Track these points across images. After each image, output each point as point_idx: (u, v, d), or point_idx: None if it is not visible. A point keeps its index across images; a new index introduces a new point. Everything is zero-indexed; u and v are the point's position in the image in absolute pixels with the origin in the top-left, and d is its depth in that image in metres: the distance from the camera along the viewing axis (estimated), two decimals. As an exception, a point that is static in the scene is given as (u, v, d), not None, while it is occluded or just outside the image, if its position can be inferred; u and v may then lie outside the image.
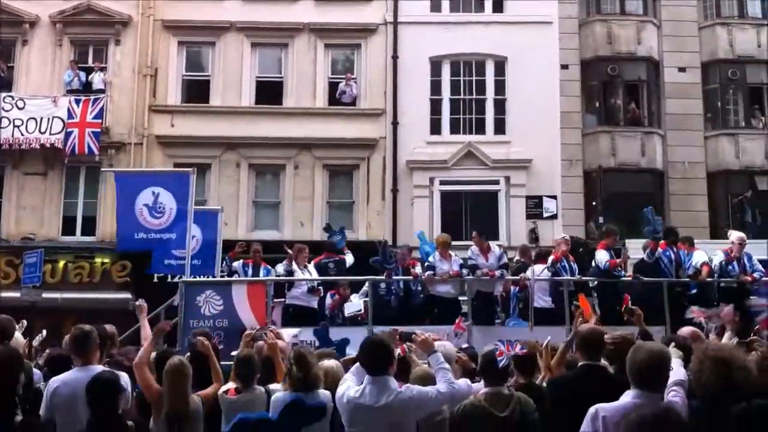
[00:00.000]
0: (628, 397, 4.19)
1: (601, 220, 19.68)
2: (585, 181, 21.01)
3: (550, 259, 11.61)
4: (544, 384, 5.71)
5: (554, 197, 20.47)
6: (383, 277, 11.80)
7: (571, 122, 21.19)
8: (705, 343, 5.63)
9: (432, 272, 11.55)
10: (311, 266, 12.31)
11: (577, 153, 21.13)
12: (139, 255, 19.02)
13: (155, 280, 18.70)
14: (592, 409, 4.17)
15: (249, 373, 5.97)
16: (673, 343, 5.13)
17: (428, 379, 5.32)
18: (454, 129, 20.75)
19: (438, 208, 19.97)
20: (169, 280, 18.67)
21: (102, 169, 18.45)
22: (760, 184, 21.55)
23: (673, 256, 11.48)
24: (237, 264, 12.57)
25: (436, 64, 20.99)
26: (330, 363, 6.00)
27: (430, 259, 11.90)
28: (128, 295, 18.07)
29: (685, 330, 6.94)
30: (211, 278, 12.79)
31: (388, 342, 5.03)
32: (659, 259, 11.43)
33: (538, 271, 11.58)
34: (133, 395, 5.72)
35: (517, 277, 11.90)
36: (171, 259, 11.95)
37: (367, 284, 11.94)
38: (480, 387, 5.27)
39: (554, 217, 20.34)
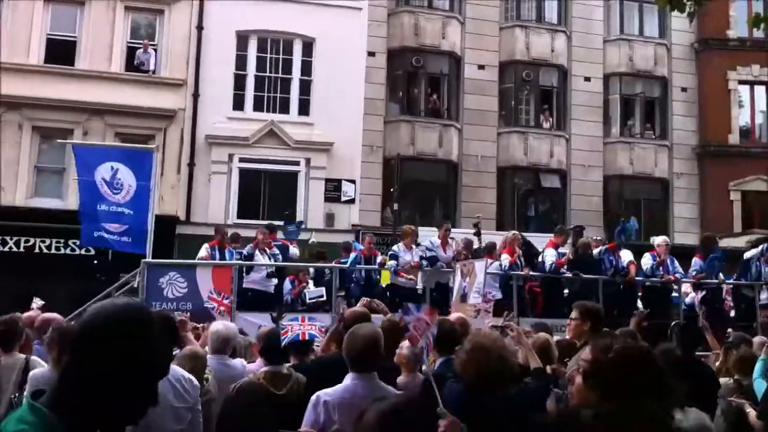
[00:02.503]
0: (347, 380, 4.43)
1: (396, 206, 20.87)
2: (384, 168, 22.13)
3: (507, 257, 12.48)
4: None
5: (353, 182, 21.39)
6: (347, 266, 12.49)
7: (375, 109, 22.21)
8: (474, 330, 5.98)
9: (395, 262, 12.24)
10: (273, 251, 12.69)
11: (378, 140, 22.20)
12: None
13: None
14: (313, 397, 4.42)
15: (10, 337, 5.96)
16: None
17: (198, 359, 5.64)
18: (258, 106, 21.09)
19: (236, 186, 20.28)
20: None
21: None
22: (544, 181, 23.75)
23: (614, 261, 12.88)
24: (204, 248, 12.67)
25: (242, 39, 21.20)
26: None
27: (394, 248, 12.62)
28: None
29: (454, 316, 7.73)
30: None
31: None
32: (602, 259, 12.84)
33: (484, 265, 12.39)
34: None
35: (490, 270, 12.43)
36: (102, 232, 11.63)
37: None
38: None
39: (352, 201, 21.28)
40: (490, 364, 4.19)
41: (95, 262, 18.40)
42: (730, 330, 9.73)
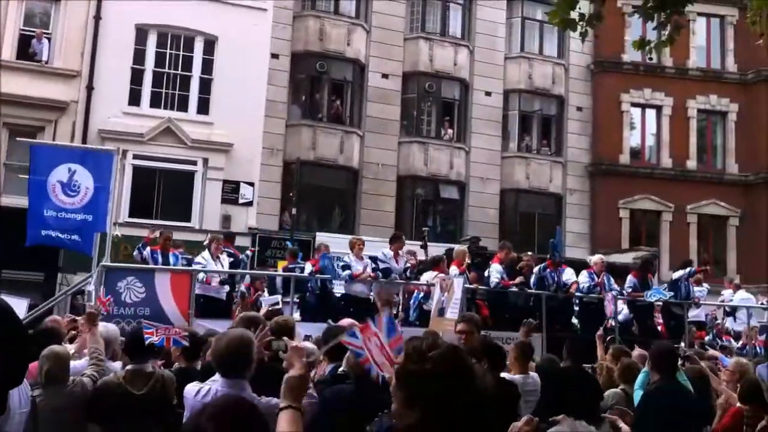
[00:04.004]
0: (216, 384, 4.36)
1: (294, 211, 20.84)
2: (284, 172, 22.07)
3: (455, 269, 12.82)
4: None
5: (252, 184, 21.22)
6: (306, 275, 12.84)
7: (276, 112, 22.15)
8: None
9: (350, 272, 12.58)
10: (224, 257, 12.87)
11: (279, 143, 22.14)
12: None
13: None
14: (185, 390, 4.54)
15: None
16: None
17: (59, 359, 5.40)
18: (155, 103, 20.67)
19: (128, 183, 19.76)
20: None
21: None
22: (443, 191, 24.18)
23: (556, 277, 13.34)
24: (146, 251, 12.57)
25: (141, 33, 20.76)
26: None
27: (346, 259, 12.93)
28: None
29: (345, 321, 7.77)
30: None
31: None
32: (544, 276, 13.25)
33: (430, 277, 12.82)
34: None
35: (423, 283, 13.01)
36: (49, 231, 11.33)
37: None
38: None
39: (250, 204, 21.11)
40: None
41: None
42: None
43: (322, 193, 22.97)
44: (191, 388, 4.45)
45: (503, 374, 6.47)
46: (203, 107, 21.06)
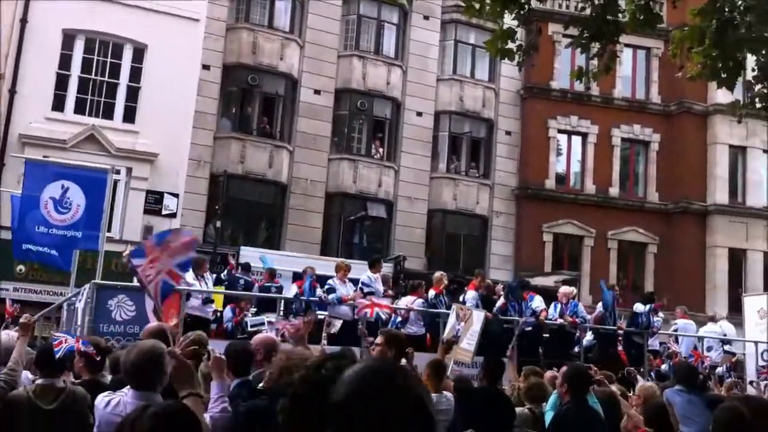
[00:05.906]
0: (126, 396, 4.25)
1: (219, 224, 20.71)
2: (210, 184, 21.92)
3: (433, 292, 13.40)
4: None
5: (176, 195, 21.03)
6: (291, 297, 13.12)
7: (205, 123, 22.04)
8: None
9: (335, 295, 12.84)
10: (208, 276, 13.19)
11: (207, 155, 22.01)
12: None
13: None
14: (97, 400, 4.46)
15: None
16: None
17: None
18: (79, 109, 20.38)
19: (49, 191, 19.36)
20: None
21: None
22: (371, 209, 24.33)
23: (517, 306, 13.76)
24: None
25: (69, 38, 20.47)
26: None
27: (330, 282, 13.10)
28: None
29: (260, 337, 7.75)
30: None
31: None
32: (507, 309, 13.73)
33: (409, 301, 13.37)
34: None
35: (402, 307, 13.40)
36: (29, 245, 11.73)
37: None
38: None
39: (173, 215, 20.88)
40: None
41: None
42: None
43: (249, 207, 22.89)
44: (101, 399, 4.41)
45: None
46: (129, 115, 20.83)
